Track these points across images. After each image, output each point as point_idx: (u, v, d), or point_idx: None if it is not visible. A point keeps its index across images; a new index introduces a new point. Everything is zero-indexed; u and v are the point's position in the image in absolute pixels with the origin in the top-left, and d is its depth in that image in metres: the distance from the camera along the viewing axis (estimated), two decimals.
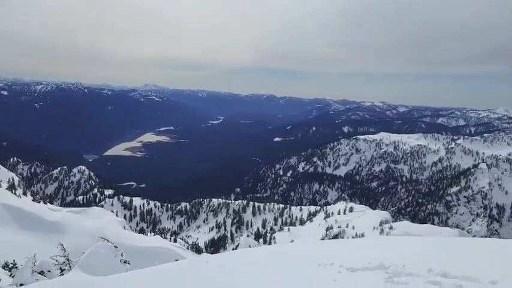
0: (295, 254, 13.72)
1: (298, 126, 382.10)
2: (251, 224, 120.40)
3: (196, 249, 79.66)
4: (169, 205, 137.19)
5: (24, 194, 61.09)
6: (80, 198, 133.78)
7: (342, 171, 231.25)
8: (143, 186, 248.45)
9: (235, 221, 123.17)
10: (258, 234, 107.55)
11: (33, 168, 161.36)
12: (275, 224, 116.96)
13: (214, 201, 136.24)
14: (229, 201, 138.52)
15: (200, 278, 10.94)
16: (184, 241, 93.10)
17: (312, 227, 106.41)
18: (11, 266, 21.42)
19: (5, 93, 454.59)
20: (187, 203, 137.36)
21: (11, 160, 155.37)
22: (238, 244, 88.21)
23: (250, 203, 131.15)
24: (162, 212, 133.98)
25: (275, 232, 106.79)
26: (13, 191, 56.23)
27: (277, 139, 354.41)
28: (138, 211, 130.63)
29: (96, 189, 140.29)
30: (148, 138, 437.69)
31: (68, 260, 17.19)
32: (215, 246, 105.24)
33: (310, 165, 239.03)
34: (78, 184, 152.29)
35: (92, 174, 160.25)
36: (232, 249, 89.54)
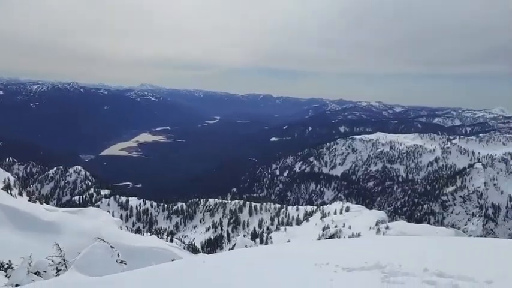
0: (292, 254, 13.73)
1: (295, 126, 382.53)
2: (248, 224, 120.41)
3: (193, 249, 79.58)
4: (166, 205, 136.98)
5: (20, 194, 60.80)
6: (76, 198, 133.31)
7: (338, 171, 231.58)
8: (139, 186, 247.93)
9: (231, 221, 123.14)
10: (254, 234, 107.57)
11: (29, 168, 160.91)
12: (271, 224, 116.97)
13: (211, 201, 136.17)
14: (226, 201, 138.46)
15: (197, 278, 10.94)
16: (181, 241, 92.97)
17: (309, 226, 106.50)
18: (6, 266, 21.31)
19: (0, 92, 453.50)
20: (183, 203, 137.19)
21: (7, 160, 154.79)
22: (235, 244, 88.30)
23: (247, 202, 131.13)
24: (159, 212, 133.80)
25: (271, 232, 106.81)
26: (9, 191, 55.94)
27: (273, 139, 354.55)
28: (135, 211, 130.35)
29: (92, 189, 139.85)
30: (145, 138, 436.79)
31: (64, 260, 17.14)
32: (212, 246, 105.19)
33: (306, 165, 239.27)
34: (74, 184, 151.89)
35: (88, 174, 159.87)
36: (229, 249, 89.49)
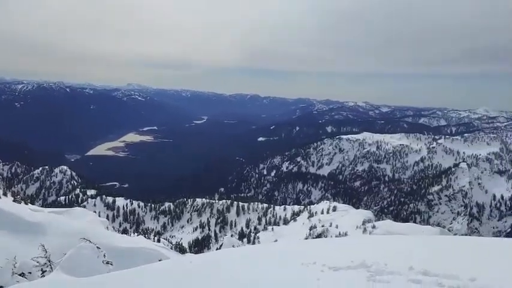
0: (279, 254, 13.78)
1: (282, 126, 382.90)
2: (235, 224, 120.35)
3: (180, 249, 79.25)
4: (153, 205, 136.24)
5: (4, 194, 60.09)
6: (62, 198, 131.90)
7: (325, 171, 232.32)
8: (126, 186, 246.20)
9: (219, 220, 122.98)
10: (242, 234, 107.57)
11: (13, 168, 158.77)
12: (259, 224, 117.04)
13: (198, 201, 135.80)
14: (213, 201, 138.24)
15: (183, 278, 10.92)
16: (168, 241, 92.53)
17: (296, 226, 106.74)
18: None
19: None
20: (171, 203, 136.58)
21: None
22: (222, 244, 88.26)
23: (234, 202, 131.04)
24: (146, 212, 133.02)
25: (259, 232, 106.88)
26: None
27: (261, 139, 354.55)
28: (121, 211, 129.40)
29: (78, 190, 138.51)
30: (132, 138, 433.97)
31: (50, 261, 16.97)
32: (199, 246, 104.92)
33: (294, 165, 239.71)
34: (60, 184, 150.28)
35: (74, 174, 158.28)
36: (216, 249, 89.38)
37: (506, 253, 11.26)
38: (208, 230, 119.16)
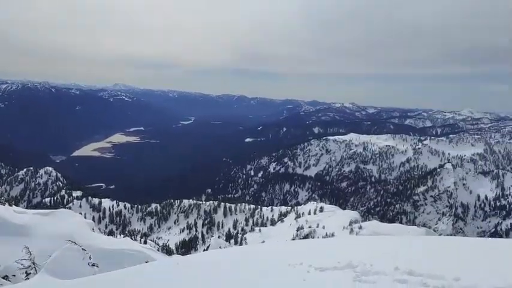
0: (266, 255, 13.78)
1: (269, 127, 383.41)
2: (222, 225, 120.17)
3: (167, 251, 78.98)
4: (140, 206, 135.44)
5: None
6: (47, 200, 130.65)
7: (312, 172, 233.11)
8: (112, 187, 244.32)
9: (206, 222, 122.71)
10: (229, 235, 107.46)
11: None
12: (246, 225, 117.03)
13: (185, 202, 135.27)
14: (200, 202, 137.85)
15: (170, 279, 10.87)
16: (155, 243, 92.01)
17: (283, 227, 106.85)
18: None
19: None
20: (157, 204, 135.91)
21: None
22: (209, 245, 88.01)
23: (221, 203, 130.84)
24: (132, 214, 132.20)
25: (246, 233, 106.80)
26: None
27: (248, 140, 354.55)
28: (107, 213, 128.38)
29: (63, 191, 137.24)
30: (118, 138, 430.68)
31: (34, 264, 16.76)
32: (186, 247, 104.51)
33: (281, 166, 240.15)
34: (45, 186, 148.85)
35: (60, 175, 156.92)
36: (203, 250, 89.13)
37: (490, 253, 11.39)
38: (195, 231, 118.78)
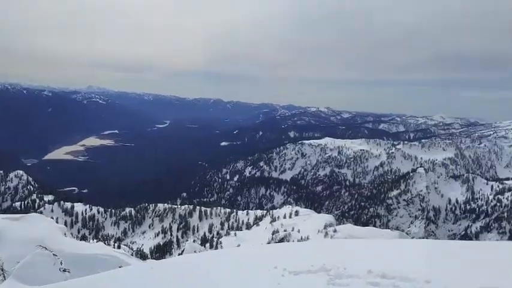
0: (241, 258, 13.78)
1: (245, 131, 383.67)
2: (197, 229, 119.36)
3: (141, 256, 77.95)
4: (113, 210, 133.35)
5: None
6: (18, 204, 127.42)
7: (287, 176, 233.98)
8: (85, 191, 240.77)
9: (181, 226, 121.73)
10: (204, 239, 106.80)
11: None
12: (222, 229, 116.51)
13: (160, 206, 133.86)
14: (176, 206, 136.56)
15: (144, 284, 10.76)
16: (129, 247, 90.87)
17: (259, 231, 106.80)
18: None
19: None
20: (132, 208, 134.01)
21: None
22: (184, 249, 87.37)
23: (197, 207, 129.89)
24: (106, 218, 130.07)
25: (222, 237, 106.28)
26: None
27: (224, 143, 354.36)
28: (80, 217, 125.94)
29: (35, 195, 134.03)
30: (92, 141, 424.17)
31: (2, 270, 16.39)
32: (161, 252, 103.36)
33: (256, 170, 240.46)
34: (15, 190, 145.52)
35: (31, 179, 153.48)
36: (178, 254, 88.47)
37: (460, 255, 11.66)
38: (170, 235, 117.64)
